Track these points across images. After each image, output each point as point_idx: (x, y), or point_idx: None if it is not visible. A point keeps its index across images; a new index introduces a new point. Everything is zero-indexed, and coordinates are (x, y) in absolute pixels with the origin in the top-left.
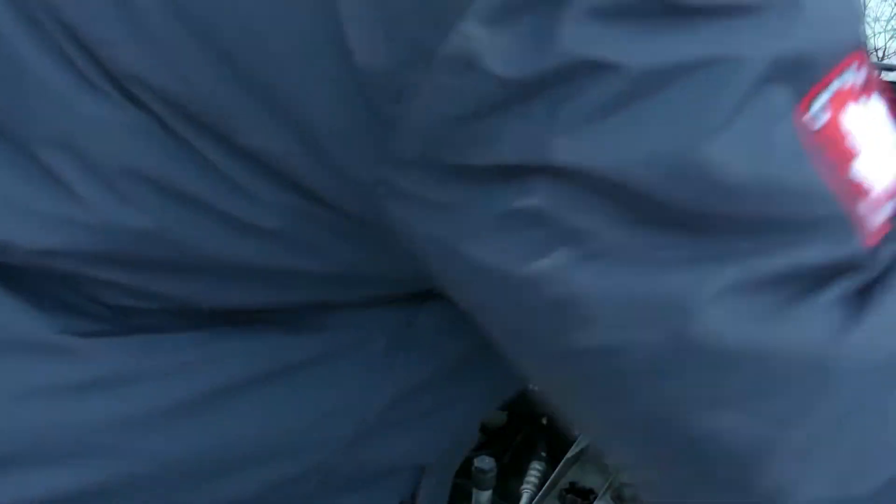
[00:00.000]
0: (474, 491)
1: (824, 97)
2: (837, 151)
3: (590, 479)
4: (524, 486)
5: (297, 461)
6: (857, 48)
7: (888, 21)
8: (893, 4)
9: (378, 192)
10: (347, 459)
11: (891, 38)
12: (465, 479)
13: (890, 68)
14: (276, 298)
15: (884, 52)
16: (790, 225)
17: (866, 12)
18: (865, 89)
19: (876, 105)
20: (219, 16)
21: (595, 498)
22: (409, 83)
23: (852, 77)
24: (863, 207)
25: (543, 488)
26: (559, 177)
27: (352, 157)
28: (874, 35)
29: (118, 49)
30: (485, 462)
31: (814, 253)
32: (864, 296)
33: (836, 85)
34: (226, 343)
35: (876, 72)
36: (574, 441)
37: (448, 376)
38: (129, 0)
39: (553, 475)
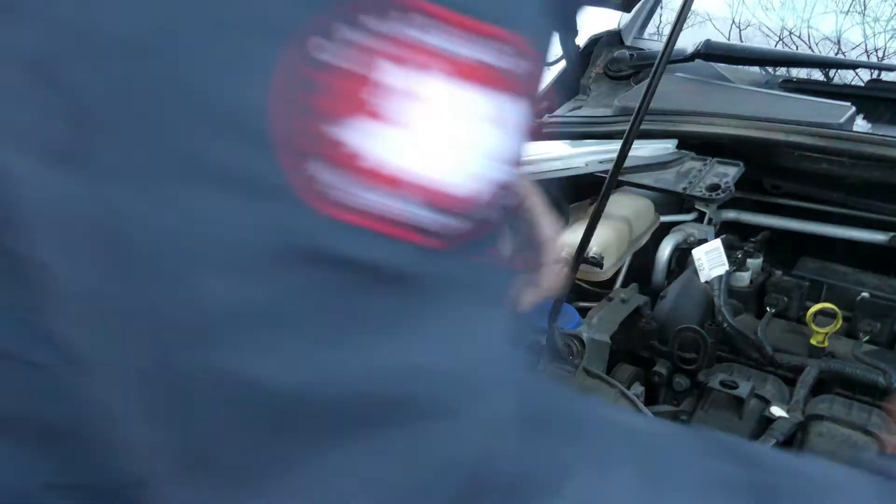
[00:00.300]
0: None
1: (362, 32)
2: (334, 99)
3: None
4: None
5: None
6: (466, 11)
7: (888, 21)
8: (893, 4)
9: None
10: None
11: (891, 38)
12: None
13: (890, 68)
14: None
15: (884, 52)
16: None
17: (866, 12)
18: (465, 68)
19: (468, 96)
20: None
21: None
22: None
23: (437, 38)
24: (321, 169)
25: None
26: None
27: None
28: (874, 35)
29: None
30: None
31: (236, 210)
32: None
33: (389, 28)
34: None
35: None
36: None
37: None
38: None
39: None
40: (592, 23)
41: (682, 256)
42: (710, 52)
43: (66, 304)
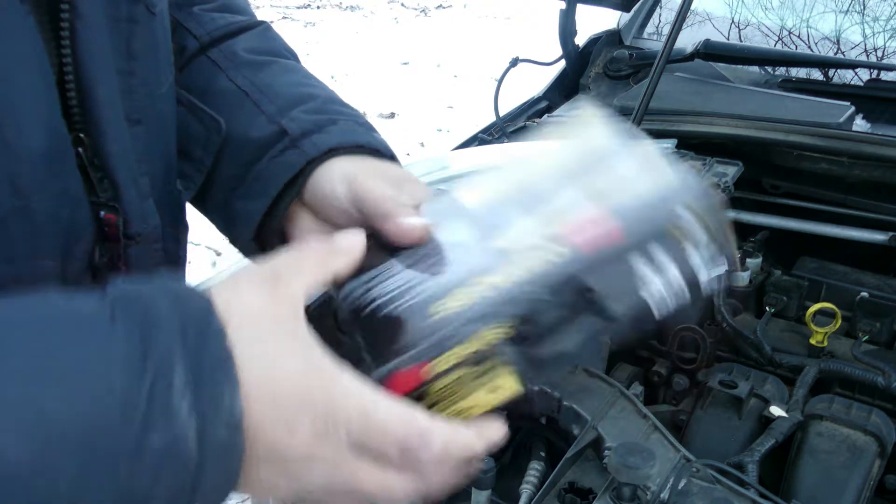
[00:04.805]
0: (473, 491)
1: None
2: None
3: (589, 479)
4: (523, 486)
5: None
6: None
7: (888, 21)
8: (893, 4)
9: None
10: None
11: (890, 38)
12: None
13: (890, 68)
14: None
15: (883, 52)
16: None
17: (865, 12)
18: None
19: None
20: None
21: (594, 498)
22: None
23: None
24: None
25: (542, 488)
26: None
27: None
28: (874, 35)
29: None
30: (484, 462)
31: None
32: None
33: None
34: None
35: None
36: (573, 441)
37: None
38: None
39: (552, 475)
40: (592, 23)
41: None
42: (710, 52)
43: None
